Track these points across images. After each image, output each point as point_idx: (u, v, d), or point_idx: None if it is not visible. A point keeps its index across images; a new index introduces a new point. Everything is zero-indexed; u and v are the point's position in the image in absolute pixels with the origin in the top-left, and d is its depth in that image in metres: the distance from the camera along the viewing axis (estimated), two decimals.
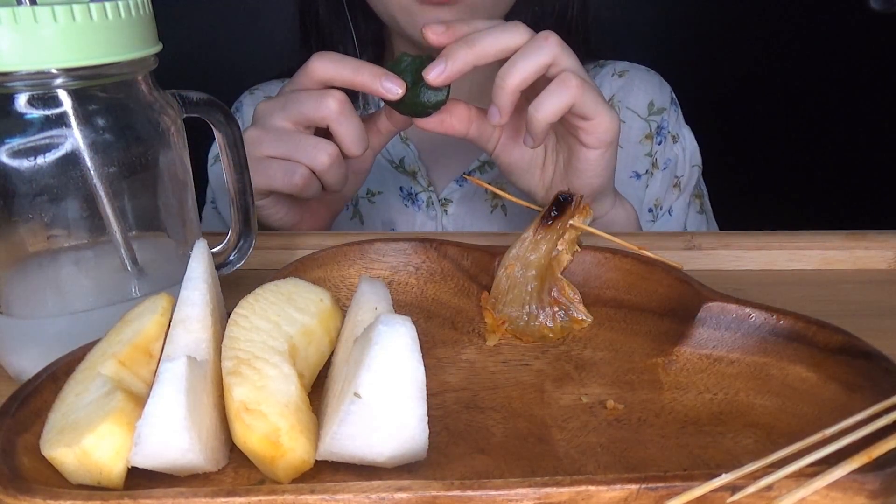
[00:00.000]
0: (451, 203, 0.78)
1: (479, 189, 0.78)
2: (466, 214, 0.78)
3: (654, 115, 0.81)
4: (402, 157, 0.78)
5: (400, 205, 0.79)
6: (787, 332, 0.36)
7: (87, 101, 0.36)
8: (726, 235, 0.52)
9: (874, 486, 0.25)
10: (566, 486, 0.26)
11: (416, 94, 0.53)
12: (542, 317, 0.40)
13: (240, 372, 0.30)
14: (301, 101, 0.54)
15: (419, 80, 0.52)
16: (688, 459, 0.31)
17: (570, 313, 0.40)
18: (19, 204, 0.36)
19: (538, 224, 0.42)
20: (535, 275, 0.41)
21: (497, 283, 0.42)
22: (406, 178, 0.79)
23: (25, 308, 0.38)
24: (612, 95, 0.81)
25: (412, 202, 0.79)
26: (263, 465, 0.30)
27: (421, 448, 0.29)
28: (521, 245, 0.42)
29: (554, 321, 0.40)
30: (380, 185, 0.79)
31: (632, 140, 0.80)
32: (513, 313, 0.40)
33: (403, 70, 0.53)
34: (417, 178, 0.78)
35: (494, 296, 0.41)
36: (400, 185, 0.79)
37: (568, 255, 0.42)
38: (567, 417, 0.34)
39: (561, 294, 0.40)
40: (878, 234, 0.51)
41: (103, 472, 0.28)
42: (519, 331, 0.40)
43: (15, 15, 0.32)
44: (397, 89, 0.52)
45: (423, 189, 0.78)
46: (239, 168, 0.45)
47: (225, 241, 0.46)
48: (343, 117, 0.54)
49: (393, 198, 0.79)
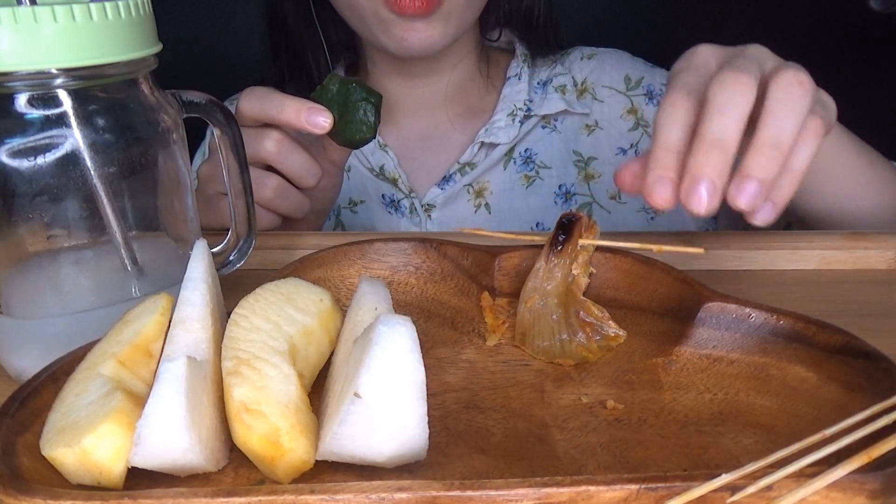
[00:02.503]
0: (434, 208, 0.77)
1: (461, 190, 0.77)
2: (451, 217, 0.77)
3: (635, 87, 0.80)
4: (382, 164, 0.77)
5: (383, 213, 0.78)
6: (787, 332, 0.36)
7: (87, 101, 0.36)
8: (726, 235, 0.52)
9: (874, 487, 0.25)
10: (566, 486, 0.26)
11: (345, 126, 0.51)
12: (576, 340, 0.39)
13: (240, 372, 0.30)
14: None
15: (348, 110, 0.50)
16: (688, 459, 0.31)
17: (603, 332, 0.39)
18: (19, 204, 0.36)
19: (548, 252, 0.41)
20: (558, 302, 0.40)
21: (521, 319, 0.40)
22: (387, 185, 0.78)
23: (25, 308, 0.38)
24: (584, 78, 0.80)
25: (395, 209, 0.78)
26: (263, 465, 0.30)
27: (421, 448, 0.29)
28: (536, 277, 0.41)
29: (590, 341, 0.39)
30: (361, 193, 0.78)
31: (613, 117, 0.79)
32: (543, 344, 0.39)
33: (330, 100, 0.51)
34: (399, 185, 0.77)
35: (521, 332, 0.40)
36: (382, 193, 0.78)
37: (584, 277, 0.41)
38: (567, 417, 0.34)
39: (588, 315, 0.40)
40: (878, 234, 0.51)
41: (103, 472, 0.28)
42: (557, 356, 0.39)
43: (15, 15, 0.32)
44: (323, 122, 0.50)
45: (405, 196, 0.77)
46: (240, 168, 0.45)
47: (225, 241, 0.46)
48: (283, 156, 0.53)
49: (375, 206, 0.79)
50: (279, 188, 0.55)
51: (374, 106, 0.52)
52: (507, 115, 0.77)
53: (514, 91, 0.78)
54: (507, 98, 0.78)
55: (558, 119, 0.79)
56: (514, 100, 0.77)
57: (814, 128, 0.38)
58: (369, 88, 0.52)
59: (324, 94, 0.52)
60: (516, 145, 0.78)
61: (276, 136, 0.53)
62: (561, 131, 0.79)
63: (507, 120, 0.77)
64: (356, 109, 0.51)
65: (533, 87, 0.79)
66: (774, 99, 0.37)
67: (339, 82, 0.51)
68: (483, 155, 0.77)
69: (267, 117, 0.52)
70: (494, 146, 0.77)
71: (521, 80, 0.79)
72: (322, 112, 0.50)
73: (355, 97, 0.51)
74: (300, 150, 0.54)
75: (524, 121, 0.77)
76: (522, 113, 0.77)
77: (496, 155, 0.77)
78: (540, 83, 0.80)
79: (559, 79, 0.79)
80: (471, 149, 0.76)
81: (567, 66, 0.81)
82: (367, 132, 0.51)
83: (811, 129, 0.38)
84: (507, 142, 0.76)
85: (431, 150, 0.78)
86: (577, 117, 0.79)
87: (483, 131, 0.77)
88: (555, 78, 0.80)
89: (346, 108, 0.51)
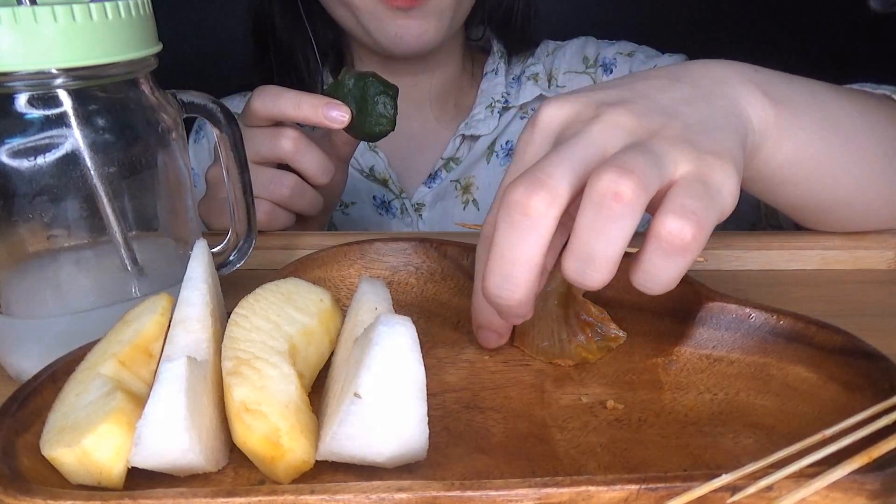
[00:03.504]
0: (424, 207, 0.78)
1: (449, 187, 0.78)
2: (441, 216, 0.78)
3: (592, 65, 0.81)
4: (372, 165, 0.78)
5: (374, 214, 0.79)
6: (787, 332, 0.36)
7: (87, 101, 0.36)
8: (726, 235, 0.52)
9: (874, 487, 0.25)
10: (566, 486, 0.26)
11: (363, 120, 0.51)
12: (576, 340, 0.39)
13: (240, 372, 0.30)
14: (256, 140, 0.53)
15: (365, 104, 0.50)
16: (688, 460, 0.31)
17: (603, 332, 0.39)
18: (19, 204, 0.36)
19: None
20: (558, 303, 0.40)
21: None
22: (378, 186, 0.78)
23: (25, 308, 0.38)
24: (549, 70, 0.82)
25: (386, 210, 0.78)
26: (263, 466, 0.30)
27: (421, 448, 0.29)
28: None
29: (589, 342, 0.39)
30: (352, 195, 0.79)
31: None
32: (543, 344, 0.39)
33: (346, 94, 0.51)
34: (389, 186, 0.78)
35: (521, 332, 0.40)
36: (373, 195, 0.79)
37: None
38: (567, 417, 0.34)
39: (588, 315, 0.39)
40: (878, 234, 0.51)
41: (103, 473, 0.28)
42: (556, 356, 0.39)
43: (15, 15, 0.32)
44: (342, 116, 0.50)
45: (395, 196, 0.78)
46: (239, 168, 0.45)
47: (225, 241, 0.46)
48: (300, 154, 0.53)
49: (367, 208, 0.79)
50: (296, 186, 0.55)
51: (393, 98, 0.52)
52: (486, 107, 0.78)
53: (491, 85, 0.80)
54: (485, 92, 0.79)
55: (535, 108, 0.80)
56: (491, 93, 0.79)
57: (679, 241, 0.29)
58: (385, 81, 0.52)
59: (339, 90, 0.52)
60: (497, 138, 0.79)
61: (292, 134, 0.53)
62: None
63: (486, 112, 0.78)
64: (375, 103, 0.51)
65: (509, 82, 0.81)
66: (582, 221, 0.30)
67: (354, 76, 0.51)
68: (466, 149, 0.79)
69: (282, 115, 0.52)
70: (476, 138, 0.78)
71: (498, 75, 0.80)
72: (340, 107, 0.50)
73: (373, 91, 0.51)
74: (315, 148, 0.54)
75: (503, 112, 0.79)
76: (501, 105, 0.79)
77: (479, 148, 0.78)
78: (515, 78, 0.81)
79: (532, 69, 0.81)
80: (452, 142, 0.78)
81: (538, 58, 0.83)
82: (387, 125, 0.52)
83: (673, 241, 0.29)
84: (488, 133, 0.78)
85: (420, 150, 0.79)
86: None
87: (463, 125, 0.78)
88: (528, 69, 0.81)
89: (365, 102, 0.51)
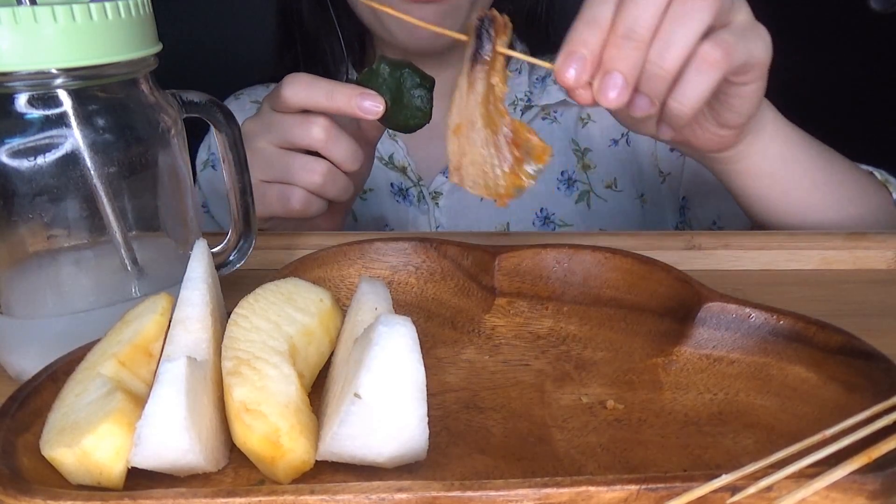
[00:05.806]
0: (441, 196, 0.78)
1: None
2: (457, 205, 0.78)
3: None
4: (392, 153, 0.79)
5: (391, 201, 0.80)
6: (787, 332, 0.36)
7: (87, 101, 0.36)
8: (726, 235, 0.52)
9: (874, 487, 0.25)
10: (566, 486, 0.26)
11: (398, 112, 0.50)
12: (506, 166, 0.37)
13: (240, 372, 0.30)
14: (286, 127, 0.53)
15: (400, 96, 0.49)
16: (688, 460, 0.31)
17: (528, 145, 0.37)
18: (19, 204, 0.36)
19: (470, 65, 0.39)
20: (483, 123, 0.38)
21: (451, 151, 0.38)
22: (396, 173, 0.79)
23: (25, 308, 0.38)
24: None
25: (403, 197, 0.79)
26: (263, 466, 0.30)
27: (421, 448, 0.29)
28: (460, 97, 0.38)
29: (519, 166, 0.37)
30: (370, 182, 0.79)
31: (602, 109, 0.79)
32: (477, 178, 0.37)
33: (381, 84, 0.50)
34: (407, 174, 0.78)
35: (454, 166, 0.38)
36: (391, 182, 0.79)
37: (503, 84, 0.39)
38: (567, 417, 0.34)
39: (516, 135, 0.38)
40: (877, 234, 0.51)
41: (103, 473, 0.28)
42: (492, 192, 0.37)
43: (15, 15, 0.32)
44: (376, 107, 0.49)
45: (413, 184, 0.79)
46: (239, 168, 0.45)
47: (225, 241, 0.46)
48: (331, 143, 0.53)
49: (384, 195, 0.80)
50: (329, 173, 0.54)
51: (429, 91, 0.51)
52: (509, 104, 0.79)
53: (514, 84, 0.80)
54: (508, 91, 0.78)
55: (558, 111, 0.81)
56: (514, 91, 0.80)
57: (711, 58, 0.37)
58: (422, 73, 0.51)
59: (374, 79, 0.50)
60: None
61: (323, 122, 0.52)
62: (561, 122, 0.81)
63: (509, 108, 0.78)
64: (411, 97, 0.50)
65: (532, 82, 0.81)
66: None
67: (390, 66, 0.50)
68: None
69: (314, 104, 0.51)
70: None
71: (522, 75, 0.81)
72: (374, 97, 0.49)
73: (409, 83, 0.50)
74: (346, 136, 0.53)
75: (525, 110, 0.79)
76: (523, 104, 0.79)
77: None
78: (539, 78, 0.81)
79: None
80: None
81: None
82: (422, 118, 0.50)
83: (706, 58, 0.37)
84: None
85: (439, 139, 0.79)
86: (574, 109, 0.81)
87: None
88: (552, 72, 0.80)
89: (400, 94, 0.50)
